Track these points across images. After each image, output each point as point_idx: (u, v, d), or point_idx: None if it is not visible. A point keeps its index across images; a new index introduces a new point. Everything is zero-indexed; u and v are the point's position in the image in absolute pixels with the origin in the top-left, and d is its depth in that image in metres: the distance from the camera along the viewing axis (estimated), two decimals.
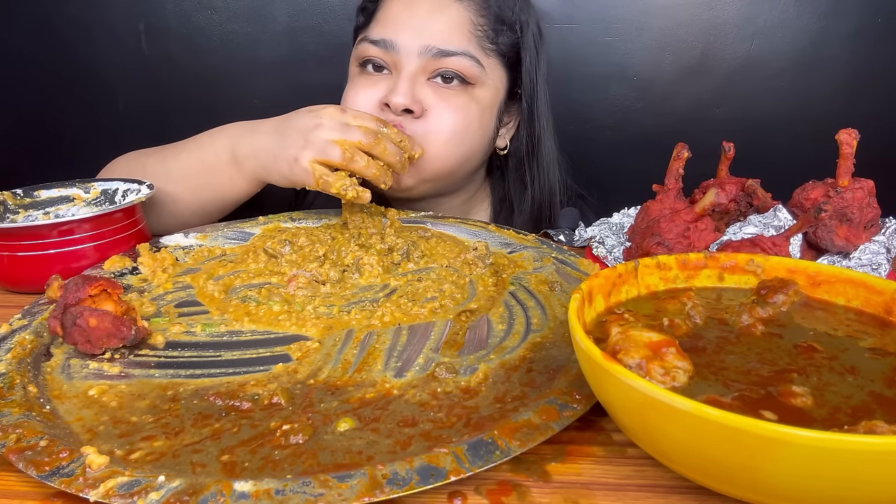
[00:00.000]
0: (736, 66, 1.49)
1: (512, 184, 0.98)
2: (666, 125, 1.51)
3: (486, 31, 0.85)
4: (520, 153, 0.96)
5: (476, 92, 0.86)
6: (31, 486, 0.39)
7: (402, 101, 0.80)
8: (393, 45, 0.83)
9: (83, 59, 1.50)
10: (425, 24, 0.83)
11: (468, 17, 0.84)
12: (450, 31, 0.83)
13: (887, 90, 1.50)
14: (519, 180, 0.97)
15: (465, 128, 0.85)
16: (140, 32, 1.49)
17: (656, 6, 1.46)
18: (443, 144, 0.84)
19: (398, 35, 0.83)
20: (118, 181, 0.81)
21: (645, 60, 1.50)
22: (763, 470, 0.31)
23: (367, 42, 0.85)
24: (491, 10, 0.86)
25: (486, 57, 0.86)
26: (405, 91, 0.81)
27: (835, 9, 1.45)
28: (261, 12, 1.48)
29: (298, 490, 0.36)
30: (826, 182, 0.69)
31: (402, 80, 0.82)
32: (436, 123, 0.83)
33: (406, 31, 0.83)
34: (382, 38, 0.84)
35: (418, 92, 0.82)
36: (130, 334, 0.52)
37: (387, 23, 0.85)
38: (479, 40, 0.85)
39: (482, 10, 0.85)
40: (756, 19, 1.46)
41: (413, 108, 0.81)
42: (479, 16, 0.85)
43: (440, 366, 0.50)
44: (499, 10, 0.87)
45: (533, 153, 0.95)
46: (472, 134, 0.87)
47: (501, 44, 0.87)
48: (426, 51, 0.82)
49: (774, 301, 0.47)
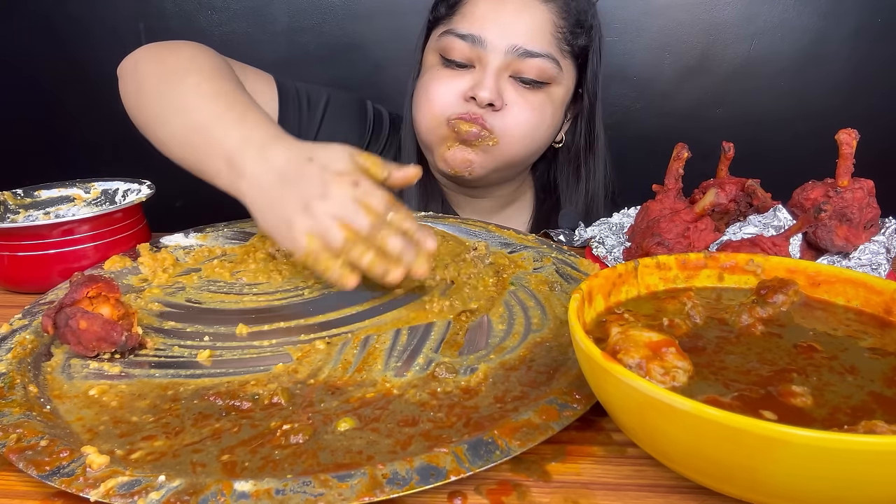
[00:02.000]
0: (736, 66, 1.49)
1: (566, 177, 1.02)
2: (666, 125, 1.51)
3: (565, 33, 0.88)
4: (576, 147, 1.00)
5: (552, 91, 0.89)
6: (32, 486, 0.39)
7: (488, 96, 0.84)
8: (481, 40, 0.85)
9: (83, 59, 1.50)
10: (512, 23, 0.86)
11: (551, 18, 0.87)
12: (535, 32, 0.86)
13: (887, 90, 1.50)
14: (574, 172, 1.01)
15: (538, 124, 0.89)
16: (140, 32, 1.49)
17: (656, 6, 1.46)
18: (518, 140, 0.88)
19: (485, 31, 0.85)
20: (118, 181, 0.81)
21: (645, 60, 1.50)
22: (763, 470, 0.31)
23: (453, 35, 0.87)
24: (571, 13, 0.89)
25: (563, 58, 0.89)
26: (491, 86, 0.84)
27: (835, 8, 1.45)
28: (261, 12, 1.49)
29: (298, 490, 0.36)
30: (826, 182, 0.69)
31: (488, 76, 0.85)
32: (514, 119, 0.87)
33: (493, 29, 0.85)
34: (470, 34, 0.86)
35: (501, 87, 0.86)
36: (121, 340, 0.52)
37: (474, 18, 0.87)
38: (558, 42, 0.88)
39: (563, 13, 0.88)
40: (756, 19, 1.46)
41: (496, 103, 0.85)
42: (560, 18, 0.88)
43: (440, 366, 0.50)
44: (578, 13, 0.89)
45: (590, 148, 0.99)
46: (543, 130, 0.91)
47: (576, 45, 0.90)
48: (512, 50, 0.85)
49: (774, 301, 0.47)
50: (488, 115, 0.86)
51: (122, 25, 1.48)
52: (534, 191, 1.08)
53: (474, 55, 0.86)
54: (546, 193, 1.06)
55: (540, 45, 0.86)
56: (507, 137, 0.87)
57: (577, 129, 0.99)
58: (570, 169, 1.01)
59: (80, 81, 1.52)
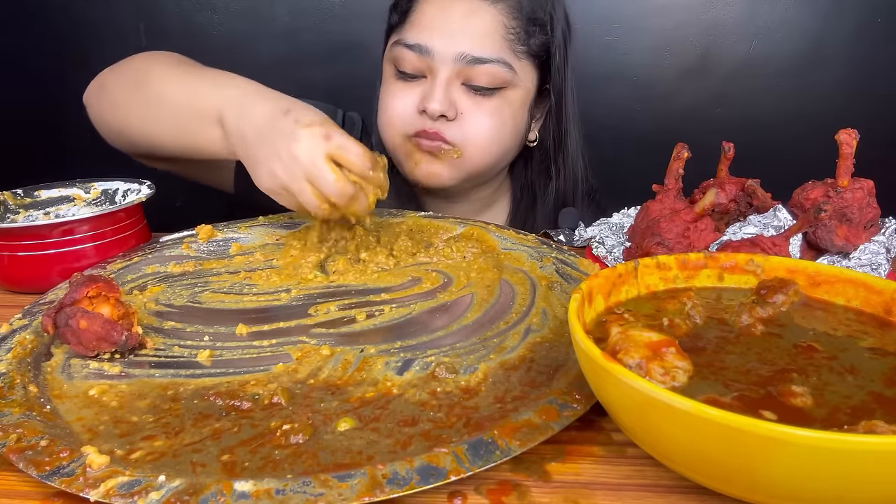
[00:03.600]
0: (736, 66, 1.50)
1: (536, 174, 1.01)
2: (666, 125, 1.51)
3: (518, 33, 0.86)
4: (546, 145, 0.98)
5: (508, 94, 0.88)
6: (32, 486, 0.39)
7: (438, 108, 0.83)
8: (428, 50, 0.84)
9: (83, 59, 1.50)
10: (458, 30, 0.84)
11: (501, 20, 0.85)
12: (483, 37, 0.84)
13: (887, 90, 1.50)
14: (544, 171, 1.00)
15: (499, 129, 0.88)
16: (140, 32, 1.49)
17: (656, 6, 1.46)
18: (481, 148, 0.87)
19: (432, 40, 0.84)
20: (118, 181, 0.81)
21: (645, 60, 1.50)
22: (763, 470, 0.31)
23: (401, 46, 0.86)
24: (523, 12, 0.86)
25: (518, 60, 0.87)
26: (441, 97, 0.83)
27: (835, 9, 1.45)
28: (261, 12, 1.49)
29: (298, 490, 0.36)
30: (826, 182, 0.69)
31: (437, 87, 0.83)
32: (472, 128, 0.86)
33: (440, 37, 0.84)
34: (417, 44, 0.84)
35: (454, 97, 0.84)
36: (121, 340, 0.52)
37: (422, 27, 0.85)
38: (511, 44, 0.86)
39: (515, 13, 0.86)
40: (756, 19, 1.47)
41: (449, 115, 0.84)
42: (511, 19, 0.85)
43: (440, 365, 0.50)
44: (531, 11, 0.87)
45: (560, 146, 0.98)
46: (506, 134, 0.90)
47: (533, 45, 0.88)
48: (460, 58, 0.83)
49: (774, 301, 0.47)
50: (445, 128, 0.84)
51: (122, 25, 1.48)
52: (511, 191, 1.06)
53: (424, 65, 0.85)
54: (523, 193, 1.04)
55: (490, 49, 0.84)
56: (470, 147, 0.86)
57: (547, 126, 0.97)
58: (542, 167, 1.00)
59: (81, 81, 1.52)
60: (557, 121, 0.95)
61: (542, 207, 1.00)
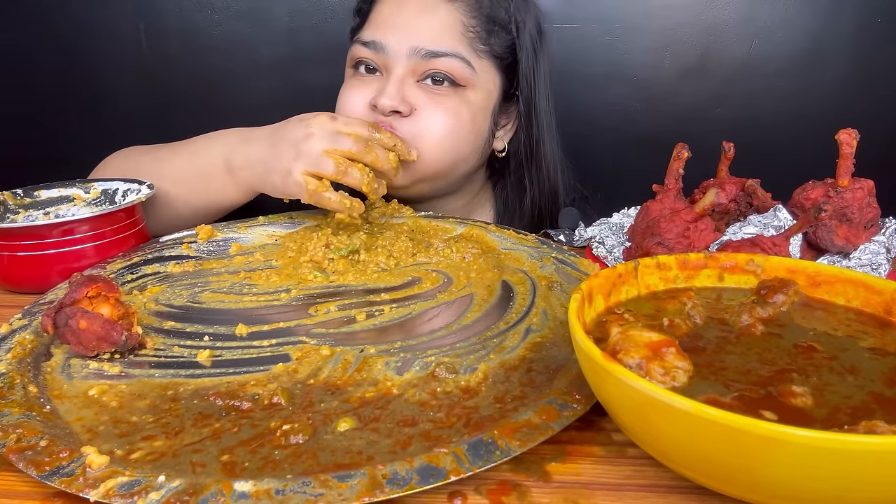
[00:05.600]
0: (736, 66, 1.49)
1: (511, 186, 0.98)
2: (666, 125, 1.51)
3: (477, 32, 0.84)
4: (519, 155, 0.95)
5: (467, 94, 0.85)
6: (32, 486, 0.39)
7: (389, 103, 0.80)
8: (382, 46, 0.83)
9: (83, 59, 1.50)
10: (414, 25, 0.83)
11: (458, 18, 0.84)
12: (439, 33, 0.83)
13: (887, 90, 1.50)
14: (518, 182, 0.97)
15: (455, 129, 0.84)
16: (140, 32, 1.49)
17: (656, 6, 1.46)
18: (434, 145, 0.83)
19: (387, 36, 0.83)
20: (118, 181, 0.81)
21: (645, 60, 1.50)
22: (763, 470, 0.31)
23: (358, 44, 0.85)
24: (482, 10, 0.85)
25: (478, 59, 0.85)
26: (392, 93, 0.81)
27: (835, 9, 1.45)
28: (261, 12, 1.48)
29: (298, 490, 0.36)
30: (826, 182, 0.69)
31: (390, 83, 0.82)
32: (426, 124, 0.82)
33: (395, 33, 0.83)
34: (372, 40, 0.84)
35: (408, 93, 0.82)
36: (121, 340, 0.52)
37: (377, 25, 0.85)
38: (470, 42, 0.84)
39: (473, 12, 0.85)
40: (756, 19, 1.46)
41: (401, 109, 0.81)
42: (469, 17, 0.84)
43: (440, 365, 0.50)
44: (490, 10, 0.86)
45: (532, 156, 0.94)
46: (463, 136, 0.86)
47: (495, 45, 0.86)
48: (414, 52, 0.82)
49: (774, 301, 0.47)
50: (398, 123, 0.81)
51: (122, 25, 1.48)
52: (494, 205, 1.02)
53: (379, 62, 0.84)
54: (506, 208, 1.00)
55: (447, 44, 0.82)
56: (422, 143, 0.81)
57: (518, 135, 0.95)
58: (516, 179, 0.97)
59: (80, 81, 1.52)
60: (528, 130, 0.93)
61: (518, 221, 0.97)
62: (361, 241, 0.72)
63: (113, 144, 0.94)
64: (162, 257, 0.72)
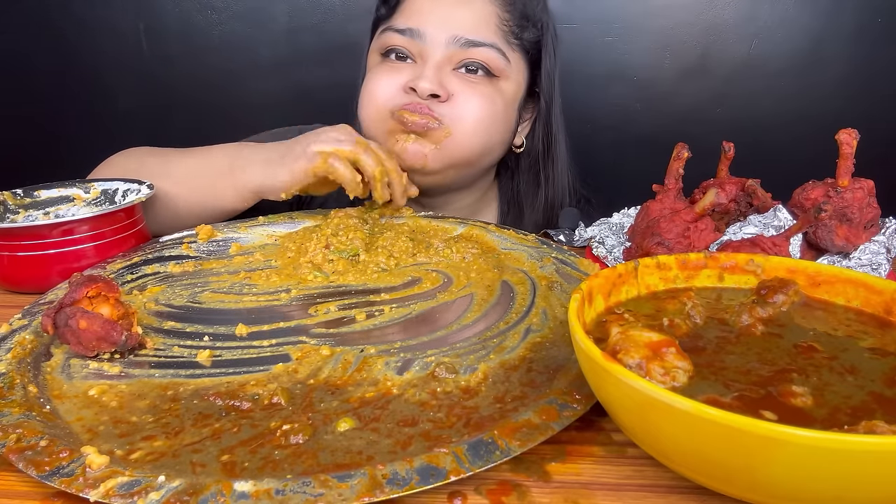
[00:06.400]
0: (736, 66, 1.49)
1: (524, 183, 0.99)
2: (666, 125, 1.51)
3: (511, 25, 0.87)
4: (535, 152, 0.97)
5: (500, 84, 0.87)
6: (31, 486, 0.39)
7: (429, 86, 0.81)
8: (420, 33, 0.84)
9: (83, 59, 1.50)
10: (452, 15, 0.84)
11: (494, 10, 0.86)
12: (477, 23, 0.84)
13: (887, 90, 1.50)
14: (532, 179, 0.99)
15: (491, 116, 0.86)
16: (140, 32, 1.49)
17: (656, 6, 1.46)
18: (470, 129, 0.84)
19: (425, 24, 0.84)
20: (118, 181, 0.81)
21: (645, 60, 1.50)
22: (763, 470, 0.31)
23: (390, 31, 0.86)
24: (516, 5, 0.87)
25: (511, 51, 0.87)
26: (432, 76, 0.82)
27: (835, 9, 1.45)
28: (261, 12, 1.49)
29: (298, 490, 0.36)
30: (826, 182, 0.69)
31: (428, 67, 0.83)
32: (463, 108, 0.83)
33: (433, 21, 0.84)
34: (409, 27, 0.84)
35: (444, 80, 0.83)
36: (121, 340, 0.52)
37: (412, 13, 0.86)
38: (504, 34, 0.86)
39: (508, 6, 0.87)
40: (756, 19, 1.46)
41: (440, 93, 0.82)
42: (504, 10, 0.86)
43: (440, 365, 0.50)
44: (524, 6, 0.88)
45: (548, 152, 0.97)
46: (496, 124, 0.88)
47: (525, 40, 0.88)
48: (454, 41, 0.83)
49: (774, 301, 0.47)
50: (435, 105, 0.82)
51: (122, 25, 1.48)
52: (498, 204, 1.04)
53: (415, 49, 0.84)
54: (510, 206, 1.02)
55: (484, 34, 0.84)
56: (460, 126, 0.83)
57: (535, 132, 0.96)
58: (530, 175, 0.98)
59: (80, 81, 1.52)
60: (546, 126, 0.95)
61: (530, 216, 0.98)
62: (361, 242, 0.72)
63: (112, 144, 0.94)
64: (162, 257, 0.72)
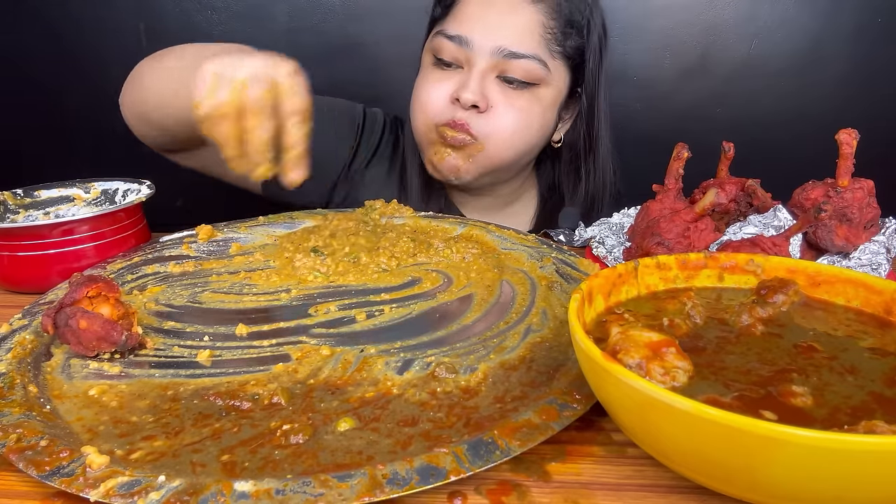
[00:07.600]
0: (736, 66, 1.49)
1: (565, 175, 1.02)
2: (666, 125, 1.51)
3: (555, 34, 0.88)
4: (577, 147, 0.99)
5: (539, 91, 0.89)
6: (32, 486, 0.39)
7: (472, 98, 0.85)
8: (467, 41, 0.86)
9: (83, 59, 1.50)
10: (498, 24, 0.86)
11: (540, 19, 0.87)
12: (522, 33, 0.86)
13: (887, 89, 1.50)
14: (573, 172, 1.01)
15: (525, 126, 0.89)
16: (140, 32, 1.49)
17: (656, 6, 1.46)
18: (503, 142, 0.89)
19: (472, 32, 0.86)
20: (118, 181, 0.81)
21: (645, 60, 1.50)
22: (763, 470, 0.31)
23: (442, 36, 0.88)
24: (562, 13, 0.88)
25: (553, 59, 0.89)
26: (475, 87, 0.85)
27: (835, 9, 1.45)
28: (261, 12, 1.49)
29: (298, 490, 0.36)
30: (826, 182, 0.69)
31: (473, 77, 0.86)
32: (499, 121, 0.87)
33: (480, 30, 0.86)
34: (458, 35, 0.87)
35: (486, 88, 0.86)
36: (121, 340, 0.52)
37: (463, 19, 0.88)
38: (547, 43, 0.88)
39: (553, 13, 0.88)
40: (756, 19, 1.46)
41: (480, 105, 0.85)
42: (550, 18, 0.88)
43: (440, 365, 0.50)
44: (570, 13, 0.89)
45: (590, 149, 0.99)
46: (532, 132, 0.91)
47: (568, 47, 0.90)
48: (498, 51, 0.85)
49: (774, 301, 0.47)
50: (473, 120, 0.86)
51: (122, 25, 1.48)
52: (538, 189, 1.08)
53: (462, 56, 0.87)
54: (550, 192, 1.06)
55: (527, 46, 0.86)
56: (492, 141, 0.88)
57: (576, 129, 0.99)
58: (571, 168, 1.01)
59: (81, 81, 1.52)
60: (588, 123, 0.97)
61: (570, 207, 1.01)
62: (360, 246, 0.72)
63: (112, 144, 0.94)
64: (162, 257, 0.72)
